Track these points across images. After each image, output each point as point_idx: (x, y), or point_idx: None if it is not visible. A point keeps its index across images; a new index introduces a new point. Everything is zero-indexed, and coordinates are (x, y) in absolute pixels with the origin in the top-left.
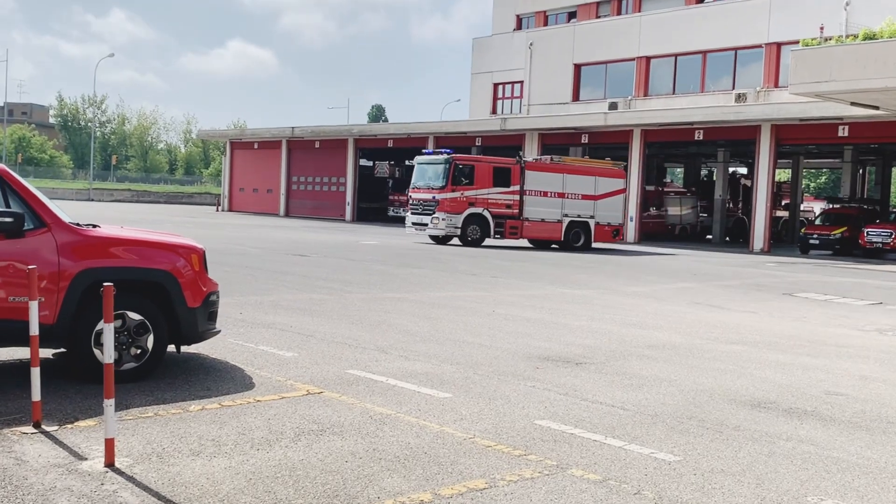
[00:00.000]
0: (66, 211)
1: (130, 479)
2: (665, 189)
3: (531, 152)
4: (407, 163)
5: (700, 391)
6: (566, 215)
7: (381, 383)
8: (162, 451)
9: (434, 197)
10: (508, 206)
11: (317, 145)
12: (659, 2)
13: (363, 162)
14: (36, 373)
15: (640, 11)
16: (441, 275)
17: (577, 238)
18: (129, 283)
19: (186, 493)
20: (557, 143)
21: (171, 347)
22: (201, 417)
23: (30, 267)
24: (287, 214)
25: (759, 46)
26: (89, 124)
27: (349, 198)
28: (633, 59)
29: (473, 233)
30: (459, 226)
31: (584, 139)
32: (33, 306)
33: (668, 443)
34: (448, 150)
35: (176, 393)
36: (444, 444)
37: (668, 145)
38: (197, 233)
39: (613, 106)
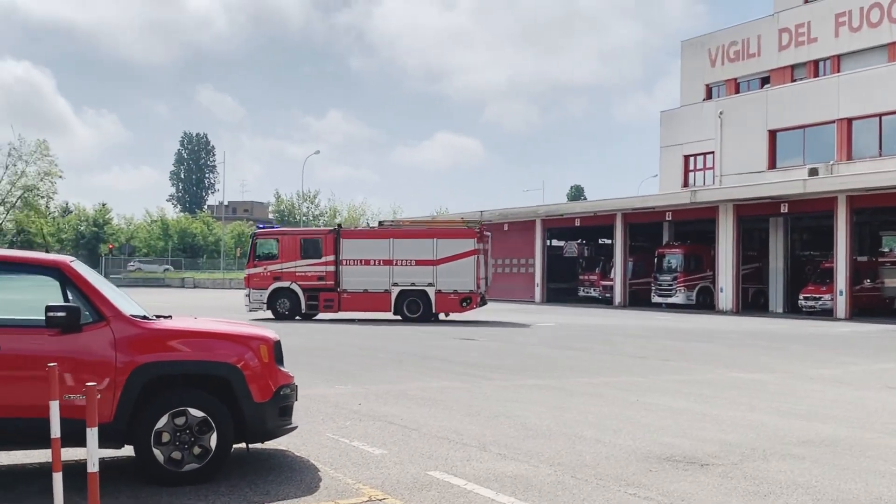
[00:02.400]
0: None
1: None
2: (881, 259)
3: (725, 225)
4: (600, 241)
5: (839, 502)
6: (396, 284)
7: (456, 488)
8: None
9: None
10: (321, 279)
11: (505, 227)
12: (859, 60)
13: (556, 242)
14: (58, 478)
15: (838, 71)
16: (602, 358)
17: (414, 308)
18: (191, 378)
19: None
20: (753, 213)
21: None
22: None
23: (50, 364)
24: None
25: None
26: (303, 218)
27: (538, 279)
28: (834, 122)
29: (282, 307)
30: (265, 301)
31: (784, 209)
32: (53, 406)
33: None
34: (262, 225)
35: (230, 498)
36: None
37: (879, 211)
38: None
39: (814, 172)
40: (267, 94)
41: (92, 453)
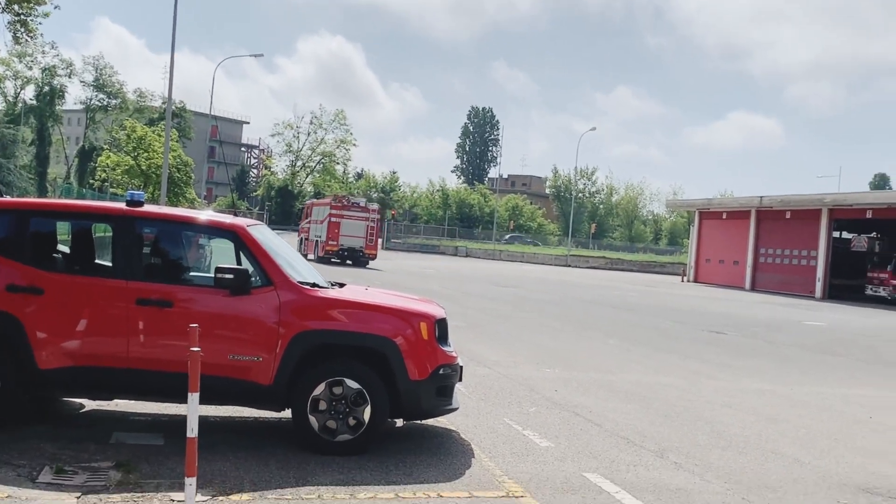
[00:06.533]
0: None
1: None
2: None
3: None
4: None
5: None
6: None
7: (604, 496)
8: None
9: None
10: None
11: (787, 216)
12: None
13: (846, 234)
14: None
15: None
16: (857, 365)
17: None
18: (349, 349)
19: None
20: None
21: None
22: None
23: (191, 325)
24: (752, 288)
25: None
26: (580, 195)
27: (819, 273)
28: None
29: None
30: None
31: None
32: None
33: None
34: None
35: (368, 474)
36: None
37: None
38: (642, 301)
39: None
40: (558, 71)
41: (191, 418)
